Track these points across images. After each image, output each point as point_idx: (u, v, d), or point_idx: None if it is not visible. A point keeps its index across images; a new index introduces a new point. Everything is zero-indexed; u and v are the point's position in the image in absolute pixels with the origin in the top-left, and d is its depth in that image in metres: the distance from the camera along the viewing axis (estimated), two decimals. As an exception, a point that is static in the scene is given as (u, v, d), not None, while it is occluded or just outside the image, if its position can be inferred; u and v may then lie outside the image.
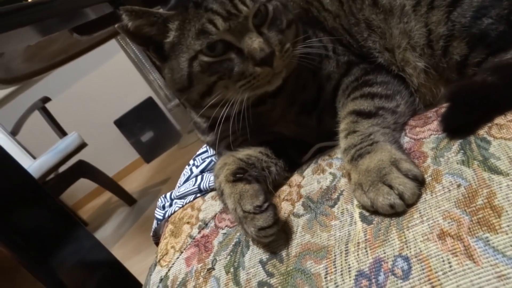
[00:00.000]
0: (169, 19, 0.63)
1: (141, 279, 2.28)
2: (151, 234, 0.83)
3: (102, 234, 3.38)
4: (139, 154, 4.47)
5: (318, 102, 0.70)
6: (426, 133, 0.55)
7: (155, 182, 3.83)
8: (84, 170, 3.18)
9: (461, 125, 0.50)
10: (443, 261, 0.39)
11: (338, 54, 0.71)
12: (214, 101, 0.63)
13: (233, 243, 0.59)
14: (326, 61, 0.70)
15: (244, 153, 0.68)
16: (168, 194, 0.82)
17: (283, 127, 0.73)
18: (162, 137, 4.43)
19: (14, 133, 3.22)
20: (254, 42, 0.59)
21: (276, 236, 0.54)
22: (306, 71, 0.70)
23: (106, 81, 4.27)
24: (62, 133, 3.19)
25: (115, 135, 4.38)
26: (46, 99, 3.17)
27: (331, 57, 0.70)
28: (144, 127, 4.38)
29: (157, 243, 0.85)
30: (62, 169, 3.11)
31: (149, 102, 4.41)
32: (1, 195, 0.72)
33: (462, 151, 0.48)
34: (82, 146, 3.04)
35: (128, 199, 3.57)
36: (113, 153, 4.42)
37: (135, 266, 2.51)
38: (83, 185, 3.59)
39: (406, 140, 0.56)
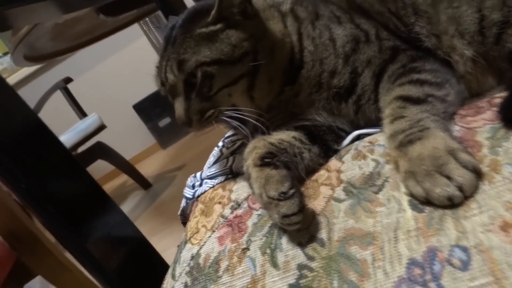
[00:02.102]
0: None
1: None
2: (179, 213, 0.83)
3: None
4: (156, 139, 4.50)
5: (355, 88, 0.68)
6: (479, 122, 0.53)
7: (171, 168, 3.85)
8: (102, 151, 3.21)
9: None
10: (507, 253, 0.37)
11: (381, 39, 0.68)
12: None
13: (269, 225, 0.58)
14: (364, 46, 0.68)
15: (276, 137, 0.66)
16: (198, 174, 0.81)
17: (314, 114, 0.71)
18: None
19: (36, 111, 3.26)
20: (177, 109, 0.68)
21: (302, 224, 0.53)
22: (332, 57, 0.68)
23: (127, 65, 4.29)
24: (82, 114, 3.22)
25: (133, 119, 4.41)
26: (68, 80, 3.20)
27: (372, 41, 0.68)
28: (162, 113, 4.39)
29: (184, 222, 0.85)
30: (80, 149, 3.15)
31: (168, 88, 4.40)
32: (38, 164, 0.72)
33: (523, 141, 0.45)
34: (101, 127, 3.07)
35: (143, 183, 3.60)
36: (130, 137, 4.46)
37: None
38: (100, 166, 3.63)
39: (456, 129, 0.54)
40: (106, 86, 4.24)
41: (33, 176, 0.71)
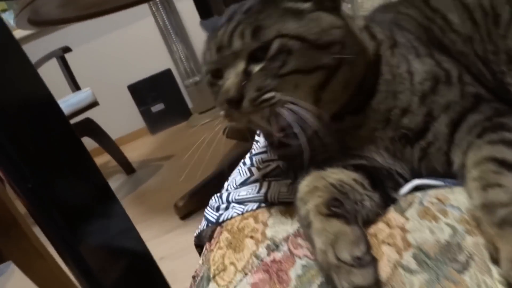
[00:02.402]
0: None
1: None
2: (195, 235, 0.73)
3: (95, 198, 3.27)
4: (146, 123, 4.36)
5: (426, 133, 0.60)
6: None
7: (158, 156, 3.72)
8: (90, 129, 3.07)
9: None
10: None
11: (464, 83, 0.60)
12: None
13: (319, 282, 0.49)
14: (445, 87, 0.60)
15: (335, 176, 0.57)
16: (224, 195, 0.72)
17: (374, 153, 0.63)
18: (173, 112, 4.33)
19: (26, 75, 3.08)
20: (227, 81, 0.56)
21: None
22: (408, 92, 0.60)
23: (128, 43, 4.15)
24: (75, 86, 3.07)
25: (126, 99, 4.27)
26: (67, 49, 3.04)
27: (453, 84, 0.60)
28: (156, 98, 4.26)
29: (198, 246, 0.75)
30: (67, 123, 2.99)
31: (167, 74, 4.29)
32: (44, 158, 0.61)
33: None
34: (94, 104, 2.93)
35: (127, 167, 3.47)
36: (120, 117, 4.31)
37: (125, 240, 2.42)
38: (84, 142, 3.48)
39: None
40: (104, 61, 4.08)
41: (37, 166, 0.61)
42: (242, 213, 0.66)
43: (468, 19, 0.64)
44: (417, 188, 0.61)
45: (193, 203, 2.30)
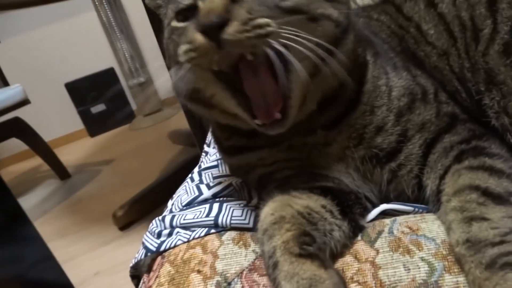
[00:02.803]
0: None
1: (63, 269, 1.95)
2: (131, 265, 0.62)
3: (23, 205, 2.97)
4: (85, 125, 4.08)
5: (398, 154, 0.55)
6: None
7: (96, 160, 3.48)
8: (19, 129, 2.79)
9: None
10: None
11: (440, 101, 0.56)
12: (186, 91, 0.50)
13: (280, 333, 0.41)
14: (420, 105, 0.55)
15: (302, 202, 0.50)
16: (167, 218, 0.61)
17: (341, 172, 0.57)
18: (114, 113, 4.08)
19: None
20: (210, 2, 0.43)
21: None
22: (385, 108, 0.55)
23: (67, 37, 3.86)
24: (3, 82, 2.77)
25: (63, 98, 3.96)
26: (-6, 39, 2.74)
27: (429, 102, 0.55)
28: (97, 98, 4.00)
29: (134, 277, 0.64)
30: (-8, 122, 2.70)
31: (109, 73, 4.05)
32: None
33: None
34: (24, 102, 2.65)
35: (61, 171, 3.20)
36: (55, 117, 3.99)
37: (55, 252, 2.20)
38: (12, 143, 3.17)
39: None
40: (38, 56, 3.75)
41: None
42: (188, 241, 0.57)
43: (445, 31, 0.60)
44: (385, 213, 0.56)
45: (134, 213, 2.14)
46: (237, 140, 0.59)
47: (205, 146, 0.94)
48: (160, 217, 0.62)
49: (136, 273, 0.63)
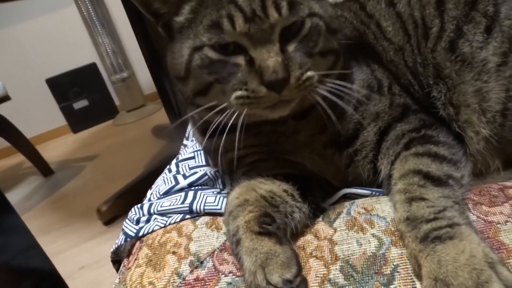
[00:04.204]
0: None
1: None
2: (112, 250, 0.66)
3: (5, 203, 2.95)
4: (67, 121, 4.04)
5: (355, 140, 0.60)
6: (499, 217, 0.47)
7: (79, 156, 3.46)
8: (0, 126, 2.75)
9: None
10: None
11: (393, 93, 0.61)
12: (208, 105, 0.54)
13: (245, 302, 0.46)
14: (376, 97, 0.60)
15: (266, 187, 0.55)
16: (145, 206, 0.65)
17: (306, 158, 0.62)
18: (97, 109, 4.06)
19: None
20: (270, 59, 0.49)
21: None
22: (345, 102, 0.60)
23: (48, 32, 3.80)
24: (-18, 78, 2.73)
25: (44, 94, 3.91)
26: (-28, 35, 2.69)
27: (384, 94, 0.61)
28: (79, 94, 3.96)
29: (115, 262, 0.68)
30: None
31: (91, 68, 4.01)
32: None
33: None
34: (4, 98, 2.63)
35: (44, 168, 3.17)
36: (36, 113, 3.94)
37: (40, 249, 2.20)
38: (-7, 141, 3.13)
39: (473, 218, 0.48)
40: (18, 52, 3.69)
41: None
42: (165, 226, 0.61)
43: (401, 29, 0.65)
44: (346, 197, 0.61)
45: (118, 207, 2.16)
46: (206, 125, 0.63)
47: (184, 139, 0.98)
48: (139, 205, 0.66)
49: (117, 258, 0.67)
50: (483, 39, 0.57)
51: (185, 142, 0.95)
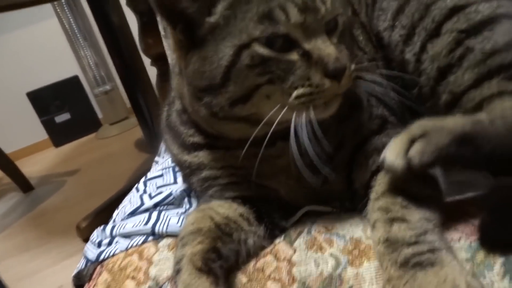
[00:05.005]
0: None
1: (22, 285, 1.93)
2: (73, 274, 0.65)
3: (-17, 221, 2.89)
4: (49, 135, 3.98)
5: (334, 158, 0.58)
6: (453, 233, 0.48)
7: (61, 171, 3.41)
8: (-23, 141, 2.70)
9: (504, 239, 0.44)
10: None
11: (371, 104, 0.61)
12: (245, 114, 0.50)
13: (200, 328, 0.46)
14: (356, 113, 0.60)
15: (223, 212, 0.55)
16: (108, 228, 0.64)
17: (282, 183, 0.60)
18: (80, 122, 4.01)
19: None
20: (328, 48, 0.48)
21: None
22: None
23: (28, 45, 3.77)
24: (-41, 93, 2.68)
25: (25, 108, 3.85)
26: None
27: (363, 108, 0.60)
28: (61, 107, 3.92)
29: (77, 287, 0.67)
30: None
31: (73, 81, 3.97)
32: None
33: (509, 276, 0.41)
34: (-19, 113, 2.58)
35: (23, 184, 3.11)
36: (16, 128, 3.87)
37: (16, 267, 2.15)
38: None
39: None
40: (-2, 64, 3.65)
41: None
42: (127, 249, 0.60)
43: (368, 40, 0.66)
44: (309, 214, 0.61)
45: (98, 223, 2.09)
46: (201, 139, 0.61)
47: (156, 156, 0.97)
48: (101, 227, 0.65)
49: (80, 283, 0.65)
50: None
51: (156, 158, 0.94)
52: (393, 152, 0.44)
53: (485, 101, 0.50)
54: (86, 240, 2.21)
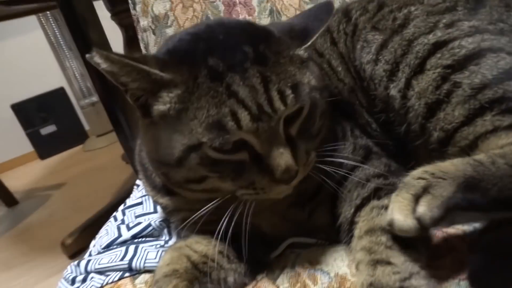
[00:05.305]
0: (164, 85, 0.47)
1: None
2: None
3: (-35, 236, 2.82)
4: (34, 147, 3.92)
5: (319, 193, 0.57)
6: (441, 272, 0.46)
7: (47, 184, 3.34)
8: (-41, 156, 2.64)
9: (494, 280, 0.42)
10: None
11: (355, 136, 0.59)
12: (201, 189, 0.51)
13: None
14: (341, 145, 0.58)
15: (201, 249, 0.53)
16: (82, 263, 0.61)
17: (264, 220, 0.58)
18: (66, 135, 3.96)
19: None
20: (281, 157, 0.46)
21: None
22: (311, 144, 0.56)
23: (12, 57, 3.72)
24: None
25: (9, 120, 3.79)
26: None
27: (347, 139, 0.59)
28: (47, 119, 3.86)
29: (51, 326, 0.63)
30: None
31: (59, 93, 3.93)
32: None
33: (500, 321, 0.39)
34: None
35: (7, 198, 3.05)
36: (1, 140, 3.81)
37: (1, 286, 2.09)
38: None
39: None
40: (-19, 76, 3.58)
41: None
42: (102, 286, 0.57)
43: (347, 71, 0.64)
44: (293, 246, 0.59)
45: (84, 240, 2.07)
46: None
47: (137, 180, 0.94)
48: (76, 263, 0.62)
49: (53, 321, 0.62)
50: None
51: (138, 182, 0.91)
52: (400, 213, 0.42)
53: (479, 139, 0.48)
54: (71, 257, 2.17)
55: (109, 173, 3.07)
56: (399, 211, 0.41)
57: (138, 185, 0.89)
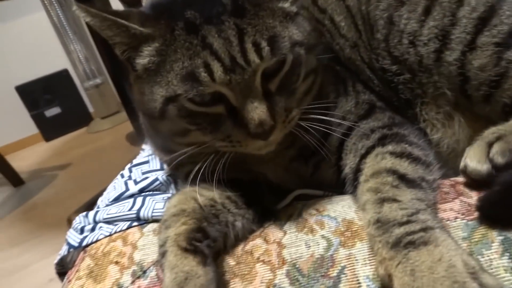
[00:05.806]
0: (144, 39, 0.48)
1: (12, 281, 1.91)
2: (56, 261, 0.62)
3: (-27, 215, 2.85)
4: (39, 129, 3.93)
5: (321, 148, 0.56)
6: (449, 213, 0.46)
7: (52, 165, 3.36)
8: (-35, 136, 2.65)
9: (504, 216, 0.42)
10: None
11: (357, 91, 0.59)
12: (187, 142, 0.52)
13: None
14: (343, 99, 0.58)
15: (208, 195, 0.53)
16: (90, 214, 0.62)
17: (269, 170, 0.59)
18: (71, 116, 3.96)
19: None
20: (255, 111, 0.46)
21: None
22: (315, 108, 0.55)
23: (16, 38, 3.70)
24: None
25: (14, 102, 3.79)
26: None
27: (350, 94, 0.58)
28: (51, 101, 3.86)
29: (61, 274, 0.64)
30: None
31: (63, 74, 3.92)
32: None
33: (508, 254, 0.39)
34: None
35: (13, 178, 3.07)
36: (6, 122, 3.82)
37: (8, 262, 2.12)
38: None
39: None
40: (-16, 58, 3.58)
41: None
42: (110, 234, 0.58)
43: (352, 24, 0.63)
44: (299, 198, 0.59)
45: (89, 216, 2.09)
46: None
47: (143, 144, 0.94)
48: (84, 213, 0.63)
49: (63, 270, 0.63)
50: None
51: (143, 146, 0.91)
52: (473, 158, 0.45)
53: None
54: (77, 233, 2.17)
55: (113, 154, 3.08)
56: (472, 157, 0.45)
57: (143, 149, 0.89)
